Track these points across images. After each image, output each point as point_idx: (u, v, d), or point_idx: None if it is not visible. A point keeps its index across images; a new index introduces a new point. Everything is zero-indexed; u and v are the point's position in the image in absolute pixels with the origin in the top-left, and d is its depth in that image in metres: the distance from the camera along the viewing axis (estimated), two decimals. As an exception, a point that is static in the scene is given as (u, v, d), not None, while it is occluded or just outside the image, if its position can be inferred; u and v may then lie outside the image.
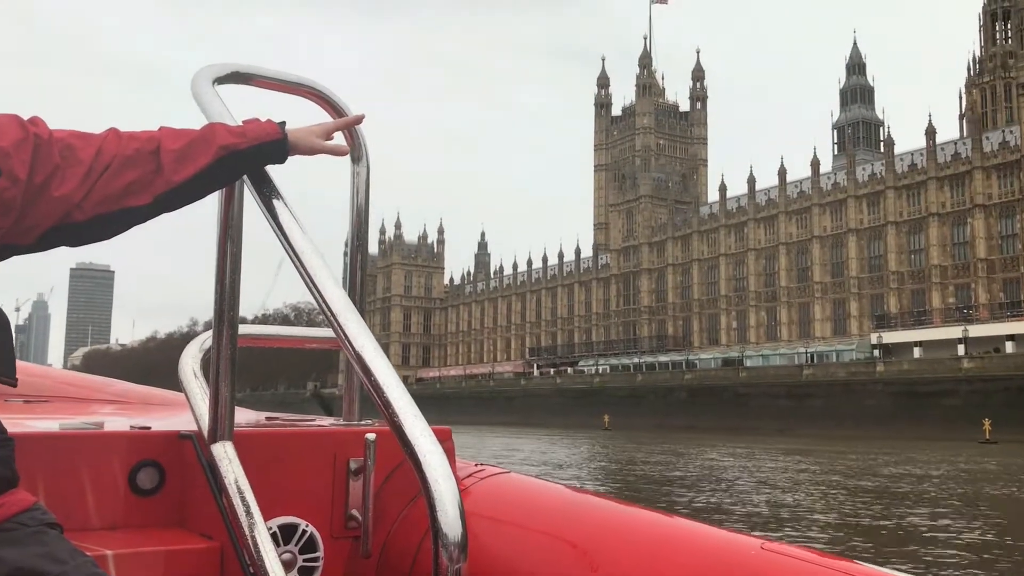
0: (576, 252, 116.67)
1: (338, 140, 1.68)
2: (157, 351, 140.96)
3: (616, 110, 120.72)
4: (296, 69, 1.89)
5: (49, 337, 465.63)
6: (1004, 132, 77.06)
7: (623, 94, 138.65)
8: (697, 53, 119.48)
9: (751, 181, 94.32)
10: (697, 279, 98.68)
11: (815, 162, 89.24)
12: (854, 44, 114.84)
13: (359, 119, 1.76)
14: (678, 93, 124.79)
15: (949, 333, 67.44)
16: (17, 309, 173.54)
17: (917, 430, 51.37)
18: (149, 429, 1.78)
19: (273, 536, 1.58)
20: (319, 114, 1.80)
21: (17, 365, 1.39)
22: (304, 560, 1.70)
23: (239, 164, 1.50)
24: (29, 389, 2.51)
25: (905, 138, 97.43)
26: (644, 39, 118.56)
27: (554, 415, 77.13)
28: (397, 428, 1.22)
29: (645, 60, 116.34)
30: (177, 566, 1.59)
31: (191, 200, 1.48)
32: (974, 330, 66.69)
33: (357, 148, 1.86)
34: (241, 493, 1.53)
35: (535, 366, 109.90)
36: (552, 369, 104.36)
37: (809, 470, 29.77)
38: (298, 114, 1.70)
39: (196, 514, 1.70)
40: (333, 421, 2.03)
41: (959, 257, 76.95)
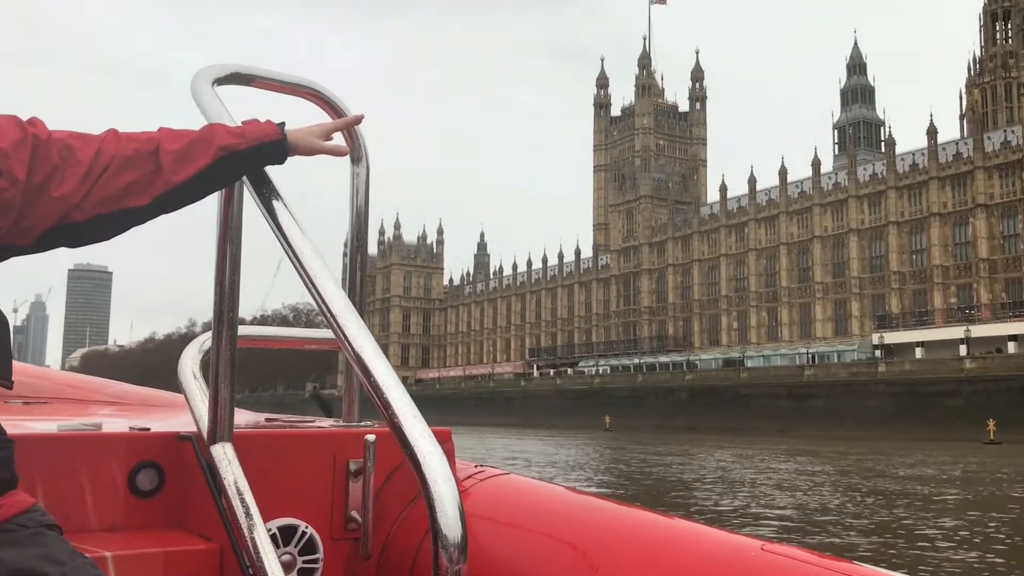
0: (576, 252, 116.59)
1: (338, 140, 1.68)
2: (156, 352, 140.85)
3: (616, 110, 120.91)
4: (296, 69, 1.89)
5: (47, 338, 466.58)
6: (1005, 132, 77.02)
7: (623, 94, 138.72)
8: (696, 53, 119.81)
9: (752, 181, 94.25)
10: (697, 279, 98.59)
11: (816, 162, 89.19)
12: (854, 44, 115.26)
13: (358, 119, 1.76)
14: (678, 93, 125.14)
15: (951, 333, 67.36)
16: (15, 310, 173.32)
17: (919, 431, 51.24)
18: (148, 430, 1.78)
19: (273, 538, 1.58)
20: (319, 115, 1.79)
21: (15, 366, 1.39)
22: (304, 562, 1.69)
23: (238, 165, 1.50)
24: (28, 390, 2.51)
25: (906, 138, 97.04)
26: (643, 39, 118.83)
27: (554, 416, 76.96)
28: (397, 429, 1.21)
29: (644, 60, 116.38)
30: (176, 568, 1.59)
31: (190, 201, 1.48)
32: (976, 330, 66.55)
33: (357, 148, 1.86)
34: (241, 494, 1.53)
35: (535, 367, 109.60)
36: (552, 370, 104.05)
37: (824, 472, 29.47)
38: (298, 115, 1.70)
39: (195, 515, 1.69)
40: (333, 422, 2.02)
41: (961, 257, 76.87)
